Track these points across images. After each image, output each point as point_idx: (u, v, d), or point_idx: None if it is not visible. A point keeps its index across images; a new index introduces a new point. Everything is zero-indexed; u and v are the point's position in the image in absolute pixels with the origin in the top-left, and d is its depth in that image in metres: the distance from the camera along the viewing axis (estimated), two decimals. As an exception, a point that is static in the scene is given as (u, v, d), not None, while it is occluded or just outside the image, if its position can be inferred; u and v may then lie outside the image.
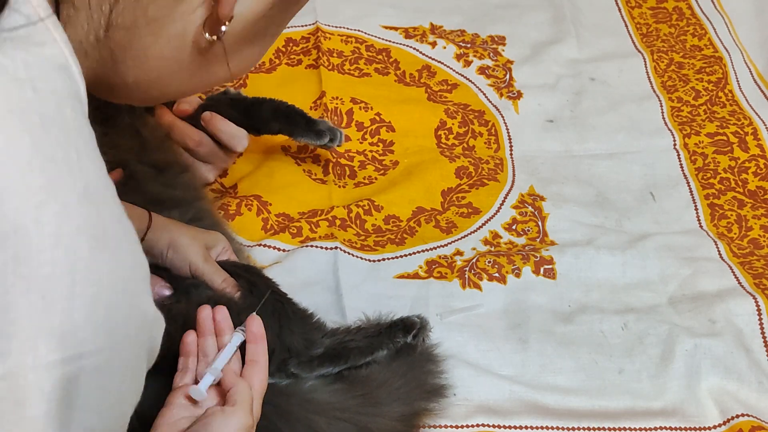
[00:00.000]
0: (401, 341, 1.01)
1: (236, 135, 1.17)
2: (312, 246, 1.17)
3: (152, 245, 0.98)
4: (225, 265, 1.01)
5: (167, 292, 0.97)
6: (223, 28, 0.60)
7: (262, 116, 1.22)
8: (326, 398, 0.96)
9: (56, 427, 0.50)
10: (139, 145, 1.10)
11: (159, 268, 0.99)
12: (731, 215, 1.29)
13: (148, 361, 0.58)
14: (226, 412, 0.81)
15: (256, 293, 0.99)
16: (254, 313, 0.91)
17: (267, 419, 0.89)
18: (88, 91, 0.55)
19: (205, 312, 0.91)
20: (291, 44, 1.47)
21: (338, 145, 1.25)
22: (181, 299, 0.97)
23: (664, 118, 1.44)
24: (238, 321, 0.96)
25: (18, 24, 0.51)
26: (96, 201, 0.51)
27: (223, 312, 0.91)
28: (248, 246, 1.16)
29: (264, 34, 0.65)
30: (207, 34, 0.60)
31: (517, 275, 1.17)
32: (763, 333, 1.11)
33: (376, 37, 1.51)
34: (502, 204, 1.28)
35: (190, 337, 0.89)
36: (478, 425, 1.02)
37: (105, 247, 0.51)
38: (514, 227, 1.25)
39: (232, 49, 0.64)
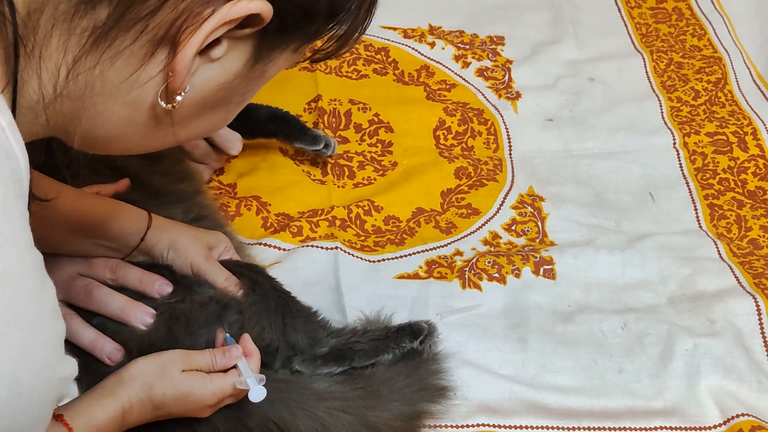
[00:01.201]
0: (407, 346, 1.01)
1: (231, 139, 1.20)
2: (312, 246, 1.18)
3: (152, 246, 0.99)
4: (227, 265, 1.01)
5: (168, 289, 0.97)
6: (178, 98, 0.61)
7: (259, 119, 1.26)
8: (327, 388, 0.97)
9: None
10: None
11: (161, 266, 0.99)
12: (731, 215, 1.29)
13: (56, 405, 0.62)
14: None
15: (258, 291, 1.00)
16: (246, 334, 0.95)
17: (268, 404, 0.91)
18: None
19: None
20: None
21: (331, 154, 1.27)
22: (185, 298, 0.97)
23: (663, 118, 1.44)
24: (241, 319, 0.97)
25: None
26: (13, 285, 0.54)
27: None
28: (248, 244, 1.16)
29: (227, 101, 0.67)
30: (163, 102, 0.62)
31: (517, 275, 1.17)
32: (762, 333, 1.11)
33: (374, 36, 1.51)
34: (501, 204, 1.28)
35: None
36: (478, 425, 1.02)
37: (16, 329, 0.54)
38: (513, 228, 1.25)
39: (191, 116, 0.65)
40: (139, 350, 0.93)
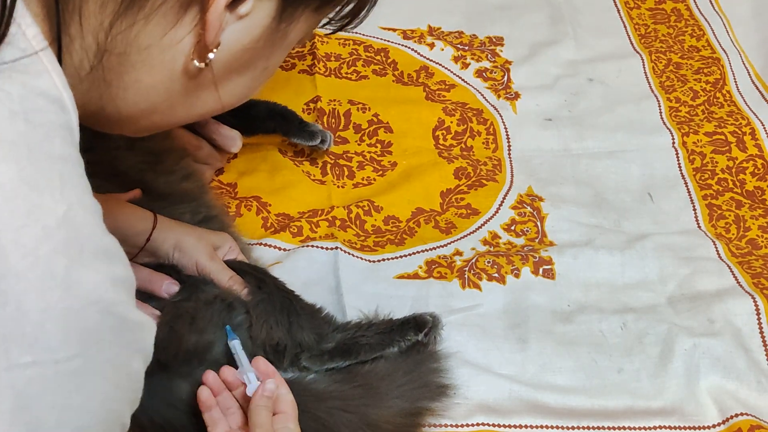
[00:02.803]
0: (413, 339, 1.01)
1: (231, 137, 1.21)
2: (312, 246, 1.18)
3: (158, 246, 0.99)
4: (232, 264, 1.02)
5: (175, 288, 0.98)
6: (211, 55, 0.63)
7: (258, 115, 1.27)
8: (326, 388, 0.97)
9: (24, 422, 0.53)
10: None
11: (167, 266, 0.99)
12: (729, 216, 1.29)
13: (144, 362, 0.61)
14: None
15: (265, 290, 1.00)
16: (259, 356, 0.95)
17: None
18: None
19: (211, 376, 0.93)
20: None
21: (327, 149, 1.29)
22: (191, 297, 0.97)
23: (662, 118, 1.44)
24: (248, 319, 0.98)
25: (14, 57, 0.54)
26: (75, 224, 0.55)
27: (230, 372, 0.94)
28: (249, 244, 1.16)
29: (252, 66, 0.68)
30: (196, 61, 0.63)
31: (517, 275, 1.17)
32: (761, 332, 1.11)
33: (374, 37, 1.51)
34: (500, 205, 1.28)
35: (204, 392, 0.92)
36: (478, 424, 1.02)
37: (81, 265, 0.55)
38: (513, 228, 1.26)
39: (220, 78, 0.67)
40: None
